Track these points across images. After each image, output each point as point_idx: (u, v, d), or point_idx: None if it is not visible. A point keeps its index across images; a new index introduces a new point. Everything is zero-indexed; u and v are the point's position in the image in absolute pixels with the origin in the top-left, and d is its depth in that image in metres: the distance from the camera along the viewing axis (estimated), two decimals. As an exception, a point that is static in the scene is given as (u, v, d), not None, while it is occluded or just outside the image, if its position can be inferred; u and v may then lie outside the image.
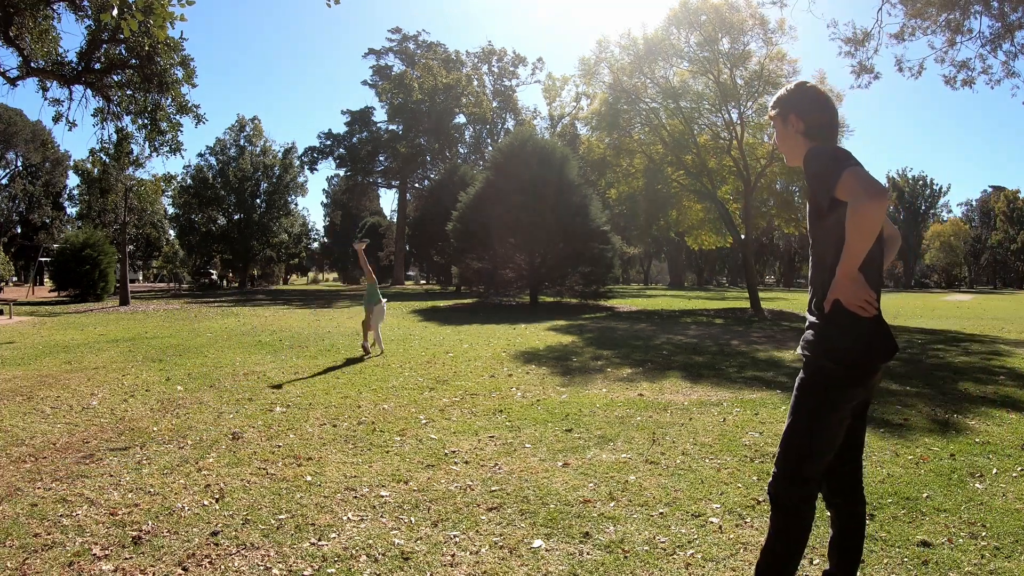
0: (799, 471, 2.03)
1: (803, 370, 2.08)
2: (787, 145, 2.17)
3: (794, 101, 2.14)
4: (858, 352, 1.97)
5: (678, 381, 6.69)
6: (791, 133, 2.14)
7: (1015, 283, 61.93)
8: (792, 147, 2.16)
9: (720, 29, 17.38)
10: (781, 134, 2.17)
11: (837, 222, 1.90)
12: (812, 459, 2.03)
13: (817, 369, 2.01)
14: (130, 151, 14.13)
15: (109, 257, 25.21)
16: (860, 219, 1.80)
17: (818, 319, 2.03)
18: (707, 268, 69.30)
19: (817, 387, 2.01)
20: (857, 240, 1.83)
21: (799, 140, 2.13)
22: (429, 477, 3.67)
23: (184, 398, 5.93)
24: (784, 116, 2.15)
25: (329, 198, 67.35)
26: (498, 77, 46.24)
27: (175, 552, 2.71)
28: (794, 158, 2.17)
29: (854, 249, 1.84)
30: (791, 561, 2.08)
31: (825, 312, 1.98)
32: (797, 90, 2.18)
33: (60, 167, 53.11)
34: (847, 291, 1.89)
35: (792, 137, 2.14)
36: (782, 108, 2.15)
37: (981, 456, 3.95)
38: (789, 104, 2.14)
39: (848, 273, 1.87)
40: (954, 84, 14.59)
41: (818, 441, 2.01)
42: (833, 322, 1.98)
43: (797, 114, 2.13)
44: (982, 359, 8.22)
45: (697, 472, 3.70)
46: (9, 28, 11.32)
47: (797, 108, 2.13)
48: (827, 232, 1.99)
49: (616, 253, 20.79)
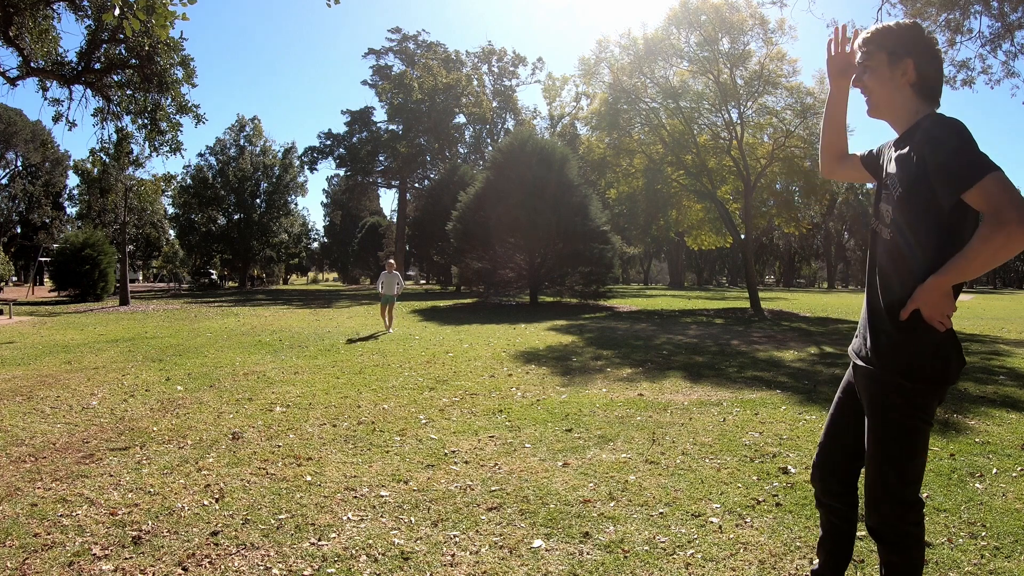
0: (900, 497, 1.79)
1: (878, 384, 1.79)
2: (884, 93, 1.78)
3: (912, 44, 1.76)
4: (940, 368, 1.74)
5: (678, 381, 6.69)
6: (899, 82, 1.77)
7: (1015, 283, 61.93)
8: (891, 99, 1.78)
9: (720, 29, 17.39)
10: (882, 78, 1.78)
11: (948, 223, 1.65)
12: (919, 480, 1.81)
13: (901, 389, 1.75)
14: (130, 151, 14.16)
15: (109, 257, 25.23)
16: (1002, 243, 1.52)
17: (894, 328, 1.76)
18: (707, 268, 69.33)
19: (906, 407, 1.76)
20: (983, 262, 1.57)
21: (907, 93, 1.77)
22: (429, 477, 3.66)
23: (184, 398, 5.93)
24: (897, 59, 1.76)
25: (329, 198, 67.35)
26: (498, 77, 46.24)
27: (175, 552, 2.71)
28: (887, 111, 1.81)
29: (973, 269, 1.60)
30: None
31: (900, 320, 1.73)
32: (916, 31, 1.78)
33: (60, 167, 53.11)
34: (936, 304, 1.66)
35: (899, 88, 1.77)
36: (896, 48, 1.76)
37: (981, 456, 3.95)
38: (906, 46, 1.76)
39: (946, 286, 1.64)
40: (954, 84, 14.61)
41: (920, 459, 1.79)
42: (915, 336, 1.72)
43: (915, 61, 1.76)
44: (982, 359, 8.22)
45: (697, 472, 3.70)
46: (9, 28, 11.32)
47: (915, 53, 1.76)
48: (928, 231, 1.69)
49: (616, 253, 20.80)
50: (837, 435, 2.03)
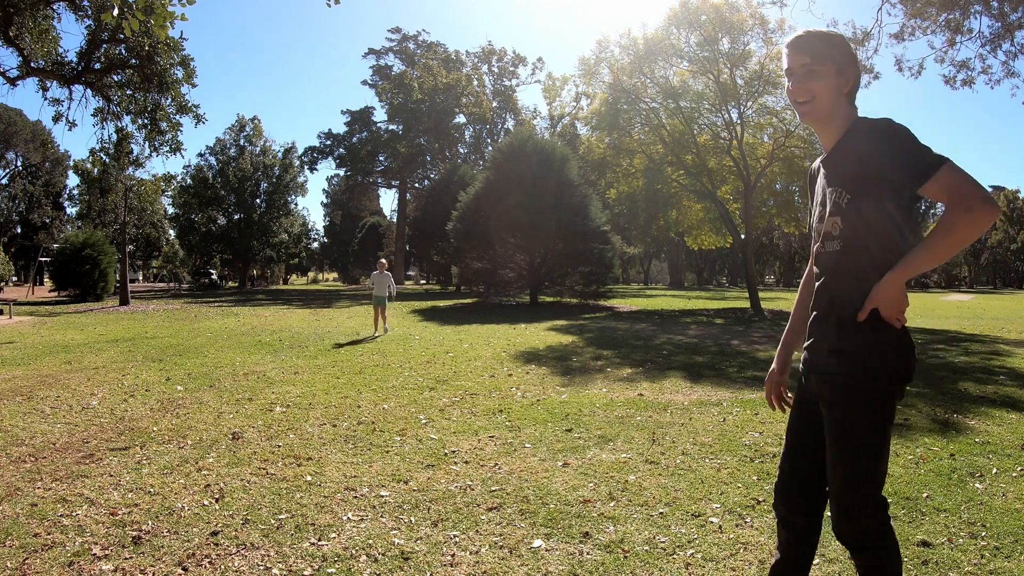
0: (875, 500, 1.75)
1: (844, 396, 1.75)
2: (829, 100, 1.77)
3: (849, 54, 1.78)
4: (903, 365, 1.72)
5: (678, 381, 6.69)
6: (842, 91, 1.77)
7: (1015, 283, 61.94)
8: (834, 106, 1.78)
9: (720, 29, 17.39)
10: (830, 86, 1.77)
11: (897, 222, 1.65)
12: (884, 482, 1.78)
13: (866, 392, 1.72)
14: (130, 151, 14.16)
15: (109, 257, 25.22)
16: (969, 226, 1.52)
17: (854, 333, 1.72)
18: (707, 268, 69.33)
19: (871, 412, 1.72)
20: (949, 249, 1.55)
21: (843, 101, 1.78)
22: (429, 477, 3.66)
23: (184, 398, 5.93)
24: (842, 68, 1.76)
25: (329, 198, 67.34)
26: (498, 77, 46.25)
27: (175, 552, 2.71)
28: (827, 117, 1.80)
29: (934, 258, 1.58)
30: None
31: (859, 321, 1.69)
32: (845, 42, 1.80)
33: (60, 167, 53.12)
34: (895, 301, 1.61)
35: (840, 96, 1.77)
36: (840, 57, 1.77)
37: (981, 456, 3.95)
38: (849, 56, 1.78)
39: (903, 281, 1.60)
40: (954, 84, 14.61)
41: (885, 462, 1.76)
42: (877, 337, 1.69)
43: (854, 71, 1.78)
44: (982, 359, 8.22)
45: (697, 472, 3.70)
46: (9, 28, 11.33)
47: (853, 63, 1.78)
48: (880, 230, 1.67)
49: (616, 253, 20.80)
50: (801, 454, 1.95)
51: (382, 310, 11.85)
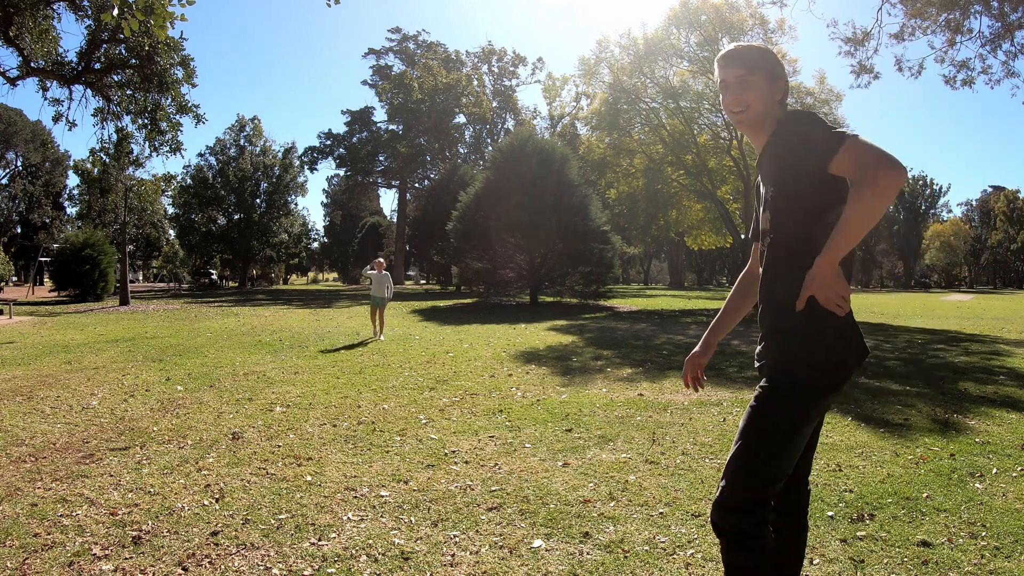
0: (763, 495, 1.72)
1: (769, 380, 1.79)
2: (762, 108, 1.83)
3: (779, 65, 1.87)
4: (841, 354, 1.72)
5: (678, 381, 6.68)
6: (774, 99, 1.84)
7: (1015, 283, 61.96)
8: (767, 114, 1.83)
9: (720, 29, 17.41)
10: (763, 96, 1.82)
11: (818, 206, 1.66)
12: (777, 481, 1.73)
13: (793, 379, 1.73)
14: (130, 151, 14.16)
15: (109, 257, 25.22)
16: (877, 195, 1.50)
17: (789, 321, 1.74)
18: (707, 268, 69.36)
19: (793, 398, 1.72)
20: (864, 222, 1.53)
21: (775, 108, 1.84)
22: (429, 477, 3.66)
23: (184, 398, 5.93)
24: (774, 78, 1.83)
25: (329, 198, 67.37)
26: (498, 77, 46.27)
27: (175, 552, 2.71)
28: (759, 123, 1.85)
29: (853, 234, 1.55)
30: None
31: (797, 311, 1.67)
32: (774, 54, 1.90)
33: (60, 167, 53.13)
34: (828, 286, 1.58)
35: (772, 104, 1.83)
36: (772, 68, 1.84)
37: (981, 456, 3.95)
38: (779, 67, 1.86)
39: (833, 264, 1.57)
40: (954, 84, 14.62)
41: (788, 460, 1.73)
42: (811, 323, 1.69)
43: (783, 80, 1.86)
44: (982, 359, 8.22)
45: (697, 472, 3.70)
46: (9, 28, 11.33)
47: (783, 74, 1.87)
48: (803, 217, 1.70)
49: (616, 253, 20.80)
50: None
51: (380, 312, 11.75)
